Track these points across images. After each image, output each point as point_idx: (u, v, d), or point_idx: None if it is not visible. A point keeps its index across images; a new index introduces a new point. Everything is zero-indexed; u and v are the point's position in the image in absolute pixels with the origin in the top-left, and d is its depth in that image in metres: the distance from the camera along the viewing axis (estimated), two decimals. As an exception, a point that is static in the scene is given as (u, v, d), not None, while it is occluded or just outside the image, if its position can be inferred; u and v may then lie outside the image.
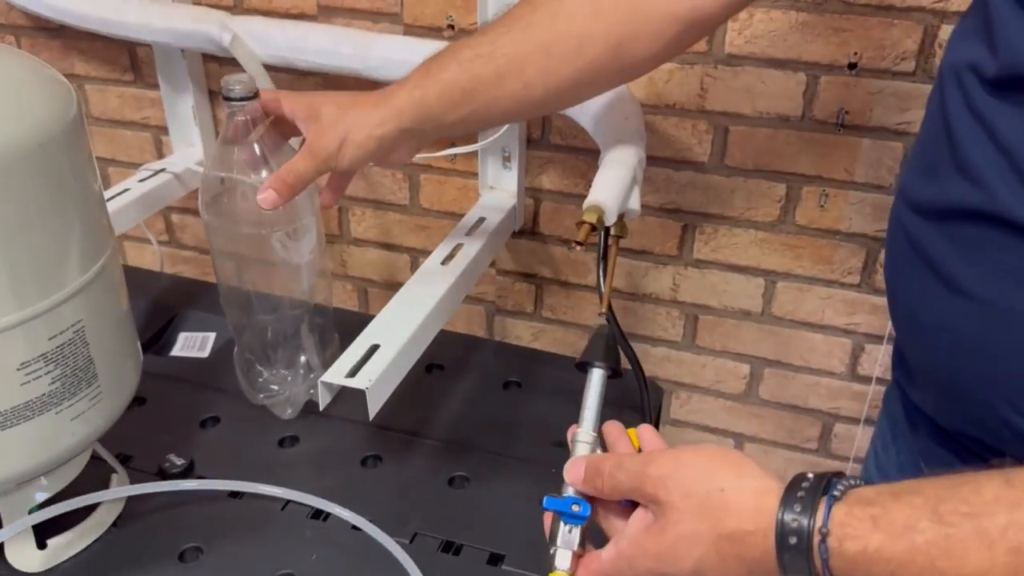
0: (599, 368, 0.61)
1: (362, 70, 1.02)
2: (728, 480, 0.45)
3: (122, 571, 0.72)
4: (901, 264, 0.59)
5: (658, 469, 0.48)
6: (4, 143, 0.56)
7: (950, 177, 0.53)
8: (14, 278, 0.58)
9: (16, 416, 0.61)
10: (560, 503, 0.53)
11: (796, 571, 0.42)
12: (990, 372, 0.53)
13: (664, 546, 0.46)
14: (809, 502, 0.42)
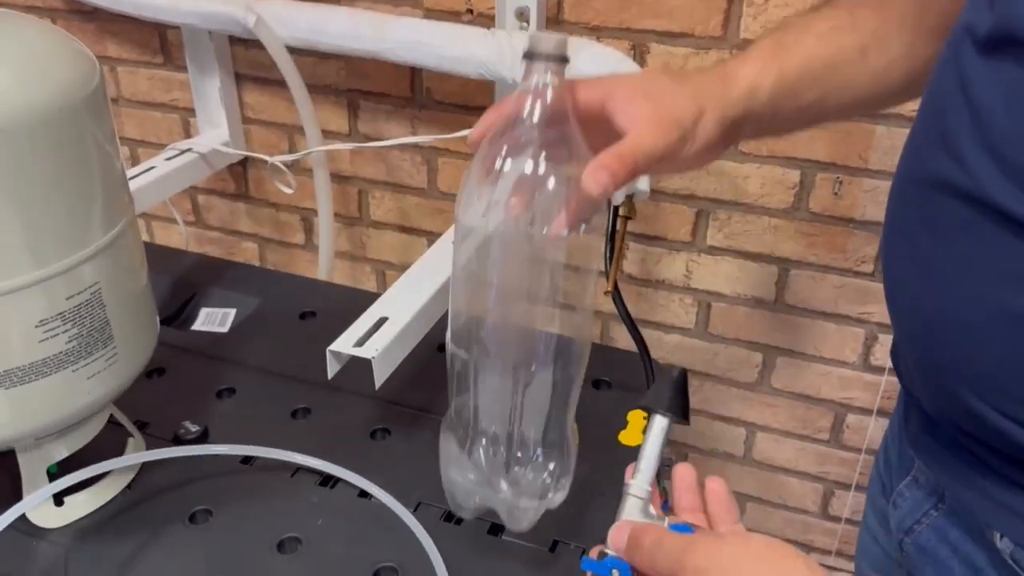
0: (662, 416, 0.52)
1: (380, 52, 1.04)
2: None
3: (135, 530, 0.75)
4: (888, 240, 0.58)
5: (696, 559, 0.44)
6: (27, 107, 0.58)
7: (932, 148, 0.51)
8: (34, 238, 0.61)
9: (34, 372, 0.64)
10: (600, 567, 0.49)
11: None
12: (955, 358, 0.51)
13: None
14: None
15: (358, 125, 1.23)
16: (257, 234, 1.41)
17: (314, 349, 0.86)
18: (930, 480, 0.63)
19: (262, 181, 1.35)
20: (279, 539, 0.74)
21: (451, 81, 1.14)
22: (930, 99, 0.53)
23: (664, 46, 1.01)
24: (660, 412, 0.52)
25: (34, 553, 0.73)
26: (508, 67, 0.98)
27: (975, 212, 0.47)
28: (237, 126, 1.28)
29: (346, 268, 1.37)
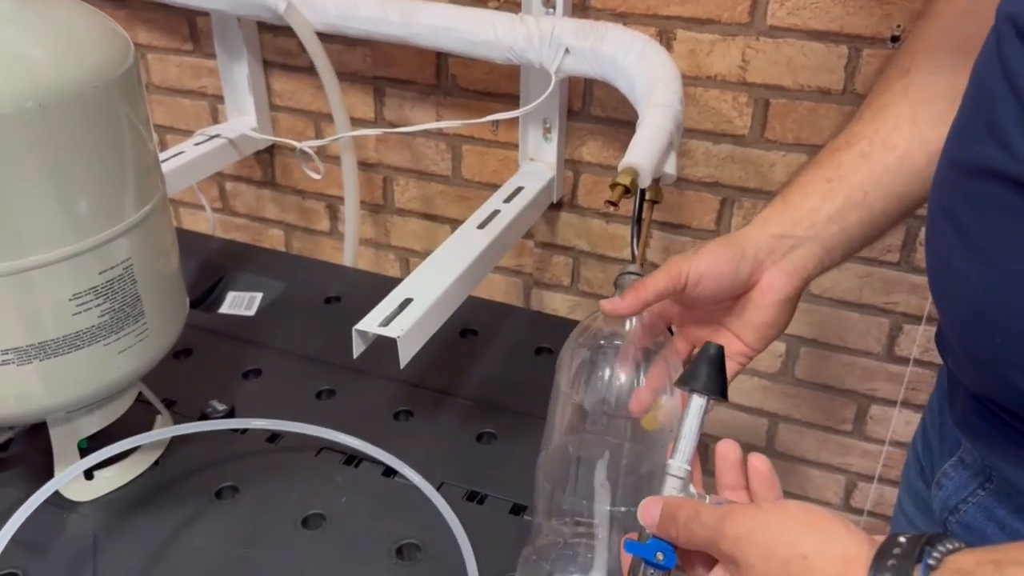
0: (699, 394, 0.51)
1: (408, 37, 1.04)
2: (811, 545, 0.42)
3: (162, 504, 0.76)
4: (932, 225, 0.59)
5: (735, 527, 0.44)
6: (63, 85, 0.59)
7: (978, 136, 0.51)
8: (68, 213, 0.62)
9: (67, 345, 0.65)
10: (643, 549, 0.47)
11: None
12: (1004, 342, 0.52)
13: None
14: (901, 571, 0.38)
15: (383, 112, 1.24)
16: (283, 221, 1.43)
17: (339, 332, 0.87)
18: (977, 460, 0.64)
19: (288, 168, 1.36)
20: (304, 515, 0.75)
21: (476, 68, 1.14)
22: (974, 88, 0.54)
23: (691, 32, 1.01)
24: (698, 391, 0.51)
25: (64, 525, 0.74)
26: (536, 52, 0.99)
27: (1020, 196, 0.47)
28: (265, 113, 1.30)
29: (370, 255, 1.38)
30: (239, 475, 0.79)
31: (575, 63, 0.98)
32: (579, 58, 0.98)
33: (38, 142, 0.59)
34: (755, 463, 0.50)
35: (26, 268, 0.61)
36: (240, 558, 0.71)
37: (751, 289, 0.64)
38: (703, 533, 0.45)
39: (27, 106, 0.58)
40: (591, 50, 0.96)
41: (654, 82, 0.91)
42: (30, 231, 0.61)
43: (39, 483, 0.77)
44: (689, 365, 0.53)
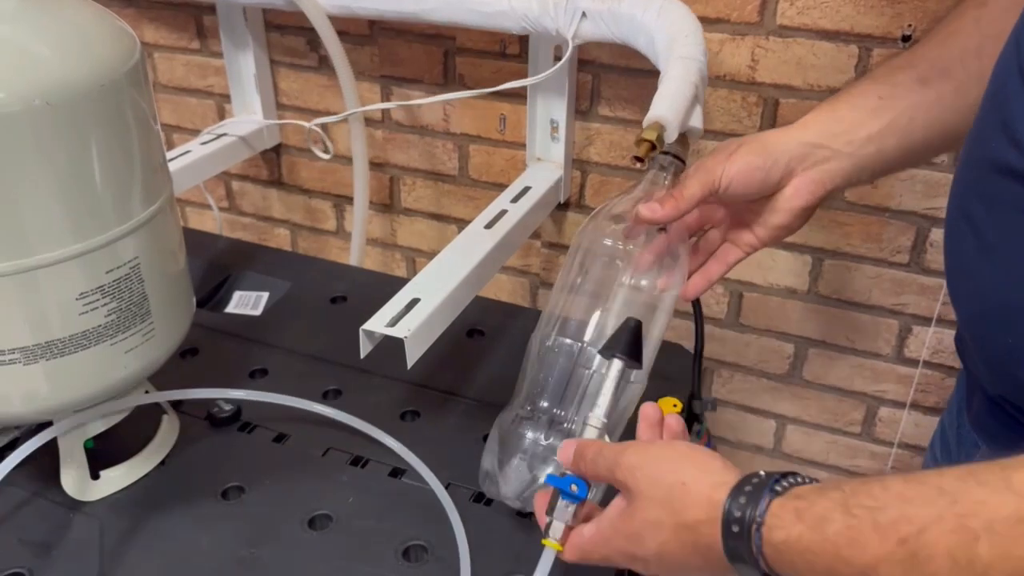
0: (619, 359, 0.60)
1: (420, 13, 1.03)
2: (690, 474, 0.49)
3: (168, 504, 0.76)
4: (950, 222, 0.60)
5: (629, 459, 0.52)
6: (70, 83, 0.59)
7: (994, 134, 0.52)
8: (75, 212, 0.62)
9: (74, 344, 0.65)
10: (561, 481, 0.56)
11: (737, 557, 0.46)
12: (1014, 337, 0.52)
13: (632, 530, 0.51)
14: (753, 496, 0.45)
15: (390, 110, 1.23)
16: (289, 220, 1.42)
17: (345, 332, 0.87)
18: None
19: (295, 167, 1.36)
20: (310, 516, 0.74)
21: (483, 67, 1.14)
22: (993, 86, 0.55)
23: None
24: (617, 356, 0.60)
25: (70, 524, 0.74)
26: (551, 18, 0.97)
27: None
28: (272, 111, 1.30)
29: (377, 255, 1.38)
30: (245, 475, 0.79)
31: (592, 27, 0.96)
32: (596, 21, 0.95)
33: (45, 140, 0.59)
34: (669, 420, 0.59)
35: (33, 267, 0.61)
36: (246, 558, 0.70)
37: (777, 192, 0.68)
38: (604, 465, 0.53)
39: (34, 104, 0.57)
40: (608, 11, 0.94)
41: (675, 36, 0.88)
42: (37, 230, 0.61)
43: (45, 482, 0.77)
44: (611, 336, 0.61)
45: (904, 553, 0.39)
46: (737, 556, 0.46)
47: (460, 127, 1.20)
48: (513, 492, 0.71)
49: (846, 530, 0.41)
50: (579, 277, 0.73)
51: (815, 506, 0.43)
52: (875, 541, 0.40)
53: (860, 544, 0.41)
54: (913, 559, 0.39)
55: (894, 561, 0.39)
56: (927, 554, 0.38)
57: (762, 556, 0.44)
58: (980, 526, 0.37)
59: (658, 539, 0.49)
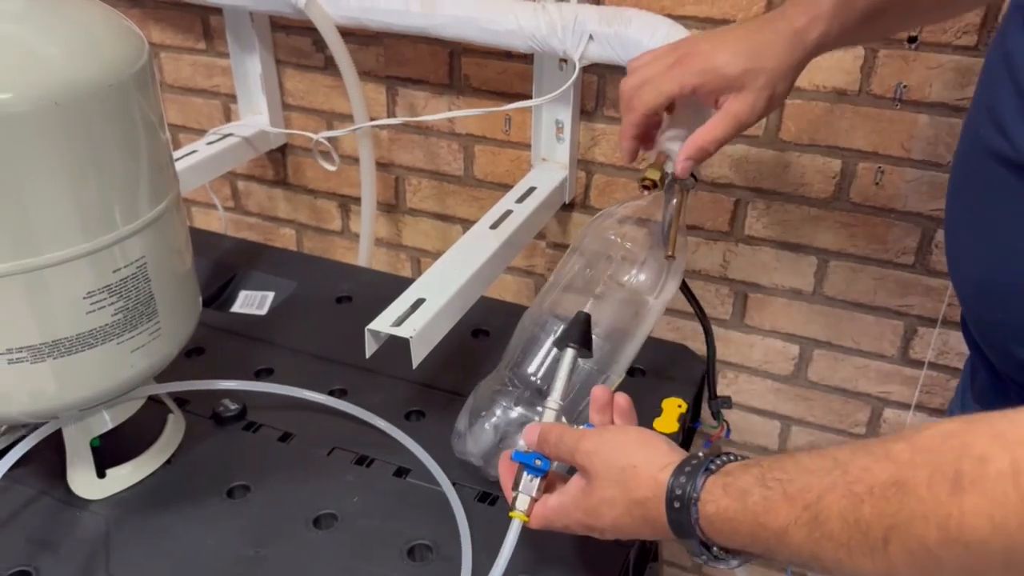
0: (572, 348, 0.67)
1: (429, 28, 1.04)
2: (640, 457, 0.56)
3: (174, 503, 0.76)
4: (949, 205, 0.62)
5: (587, 445, 0.59)
6: (79, 83, 0.59)
7: (983, 119, 0.55)
8: (83, 211, 0.62)
9: (81, 343, 0.65)
10: (526, 457, 0.62)
11: (679, 529, 0.53)
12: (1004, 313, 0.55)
13: (590, 506, 0.58)
14: (691, 474, 0.52)
15: (396, 111, 1.24)
16: (295, 220, 1.43)
17: (350, 332, 0.87)
18: None
19: (301, 167, 1.36)
20: (315, 515, 0.75)
21: (489, 68, 1.14)
22: (984, 73, 0.58)
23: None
24: (569, 346, 0.67)
25: (76, 523, 0.74)
26: (559, 39, 0.98)
27: (1019, 179, 0.52)
28: (278, 112, 1.30)
29: (382, 254, 1.38)
30: (251, 474, 0.79)
31: (599, 49, 0.97)
32: (603, 44, 0.97)
33: (53, 140, 0.59)
34: (618, 399, 0.65)
35: (40, 266, 0.61)
36: (251, 557, 0.71)
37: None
38: (565, 449, 0.60)
39: (42, 104, 0.58)
40: (616, 35, 0.95)
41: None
42: (44, 229, 0.61)
43: (52, 480, 0.77)
44: (564, 328, 0.69)
45: (808, 516, 0.45)
46: (679, 528, 0.53)
47: (465, 127, 1.21)
48: (479, 451, 0.76)
49: (762, 500, 0.48)
50: (577, 267, 0.77)
51: (739, 481, 0.50)
52: (785, 508, 0.46)
53: (774, 512, 0.47)
54: (815, 521, 0.44)
55: (800, 524, 0.45)
56: (825, 516, 0.44)
57: (698, 527, 0.51)
58: (863, 491, 0.42)
59: (612, 514, 0.57)
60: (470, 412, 0.77)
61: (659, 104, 0.71)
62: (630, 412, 0.65)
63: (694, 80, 0.69)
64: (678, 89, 0.70)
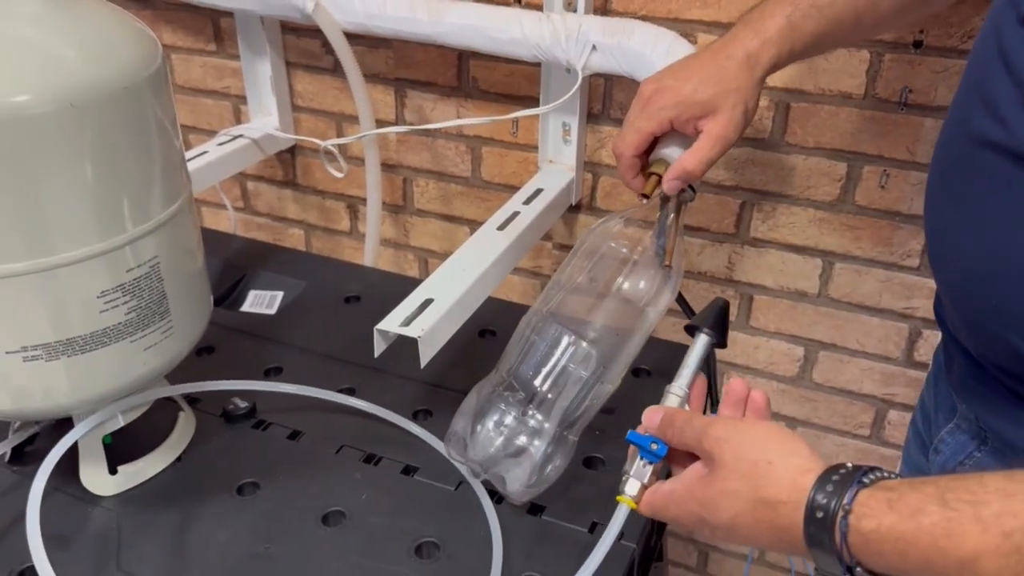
0: (706, 335, 0.65)
1: (435, 36, 1.06)
2: (777, 454, 0.50)
3: (184, 500, 0.77)
4: (931, 193, 0.63)
5: (718, 431, 0.53)
6: (94, 85, 0.61)
7: (975, 111, 0.56)
8: (98, 211, 0.63)
9: (95, 341, 0.66)
10: (642, 439, 0.58)
11: (818, 543, 0.46)
12: (997, 302, 0.56)
13: (708, 496, 0.52)
14: (840, 484, 0.46)
15: (404, 114, 1.25)
16: (303, 220, 1.44)
17: (359, 332, 0.88)
18: (972, 425, 0.68)
19: (310, 168, 1.38)
20: (324, 512, 0.75)
21: (497, 71, 1.15)
22: (973, 67, 0.59)
23: (712, 36, 1.01)
24: (704, 331, 0.65)
25: (88, 519, 0.75)
26: (563, 49, 0.99)
27: (1017, 168, 0.52)
28: (287, 114, 1.31)
29: (389, 255, 1.39)
30: (260, 472, 0.80)
31: (602, 60, 0.99)
32: (606, 55, 0.98)
33: (69, 141, 0.60)
34: (755, 395, 0.59)
35: (55, 265, 0.62)
36: (261, 554, 0.71)
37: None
38: (692, 434, 0.55)
39: (59, 106, 0.59)
40: (618, 46, 0.97)
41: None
42: (60, 229, 0.62)
43: (63, 478, 0.78)
44: (702, 311, 0.67)
45: (1009, 547, 0.39)
46: (817, 542, 0.46)
47: (473, 130, 1.21)
48: (480, 457, 0.74)
49: (944, 522, 0.42)
50: (577, 271, 0.77)
51: (908, 497, 0.44)
52: (976, 533, 0.40)
53: (959, 536, 0.41)
54: (1019, 553, 0.39)
55: (999, 554, 0.40)
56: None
57: (846, 544, 0.45)
58: None
59: (733, 509, 0.50)
60: (472, 416, 0.76)
61: (642, 143, 0.75)
62: (766, 411, 0.60)
63: (669, 113, 0.73)
64: (656, 125, 0.73)
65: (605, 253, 0.76)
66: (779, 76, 1.01)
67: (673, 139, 0.77)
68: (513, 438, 0.73)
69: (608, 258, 0.76)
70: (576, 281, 0.77)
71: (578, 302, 0.74)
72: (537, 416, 0.73)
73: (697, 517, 0.53)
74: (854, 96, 0.99)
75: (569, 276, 0.78)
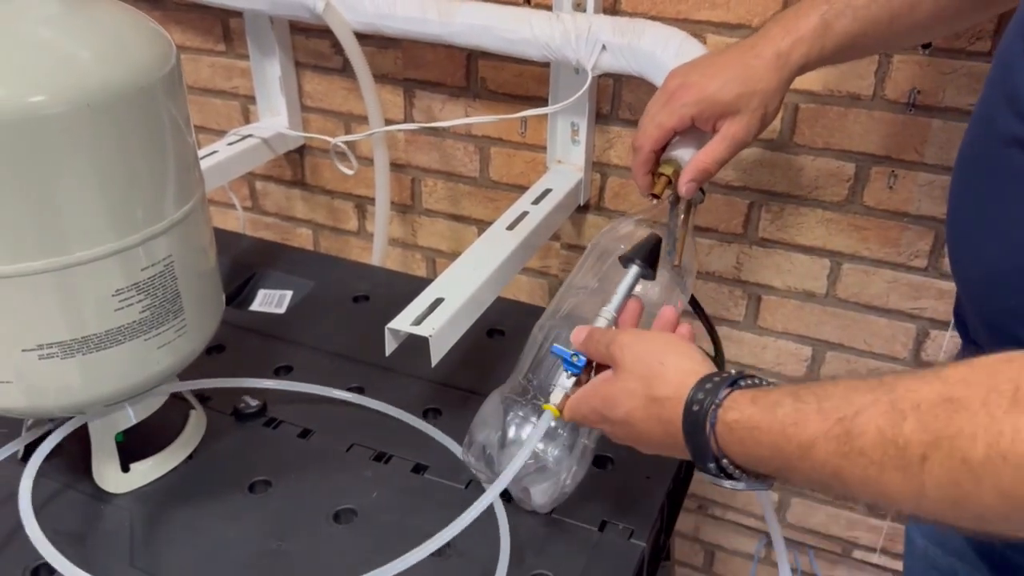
0: (637, 266, 0.70)
1: (446, 36, 1.06)
2: (671, 359, 0.57)
3: (196, 497, 0.78)
4: (954, 197, 0.63)
5: (624, 339, 0.60)
6: (109, 86, 0.61)
7: (1000, 108, 0.56)
8: (112, 211, 0.64)
9: (109, 340, 0.67)
10: (564, 352, 0.65)
11: (692, 435, 0.53)
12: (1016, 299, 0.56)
13: (610, 393, 0.59)
14: (718, 384, 0.53)
15: (413, 114, 1.25)
16: (312, 220, 1.44)
17: (368, 331, 0.89)
18: None
19: (318, 168, 1.38)
20: (335, 510, 0.76)
21: (506, 71, 1.15)
22: (999, 66, 0.58)
23: (721, 37, 1.02)
24: (636, 263, 0.70)
25: (100, 516, 0.76)
26: (572, 49, 0.99)
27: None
28: (296, 114, 1.31)
29: (397, 255, 1.39)
30: (271, 470, 0.81)
31: (612, 59, 0.99)
32: (616, 55, 0.98)
33: (85, 142, 0.61)
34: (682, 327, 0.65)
35: (71, 264, 0.63)
36: (273, 551, 0.72)
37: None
38: (603, 343, 0.61)
39: (74, 106, 0.59)
40: (628, 46, 0.97)
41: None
42: (75, 228, 0.63)
43: (77, 475, 0.79)
44: (636, 244, 0.70)
45: (840, 430, 0.45)
46: (691, 434, 0.53)
47: (481, 130, 1.22)
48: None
49: (793, 412, 0.47)
50: (590, 274, 0.78)
51: (770, 394, 0.50)
52: (816, 421, 0.46)
53: (803, 424, 0.46)
54: (847, 435, 0.44)
55: (830, 437, 0.45)
56: (860, 431, 0.44)
57: (714, 433, 0.51)
58: (908, 407, 0.42)
59: (628, 405, 0.57)
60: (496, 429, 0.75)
61: (662, 137, 0.75)
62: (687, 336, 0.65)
63: (692, 110, 0.73)
64: (677, 121, 0.74)
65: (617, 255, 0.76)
66: (788, 77, 1.01)
67: (685, 140, 0.77)
68: (542, 454, 0.73)
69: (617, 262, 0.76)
70: (589, 284, 0.77)
71: (592, 305, 0.74)
72: (563, 430, 0.73)
73: (600, 415, 0.60)
74: (863, 97, 0.99)
75: (582, 279, 0.78)
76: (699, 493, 1.37)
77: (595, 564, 0.72)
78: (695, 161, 0.74)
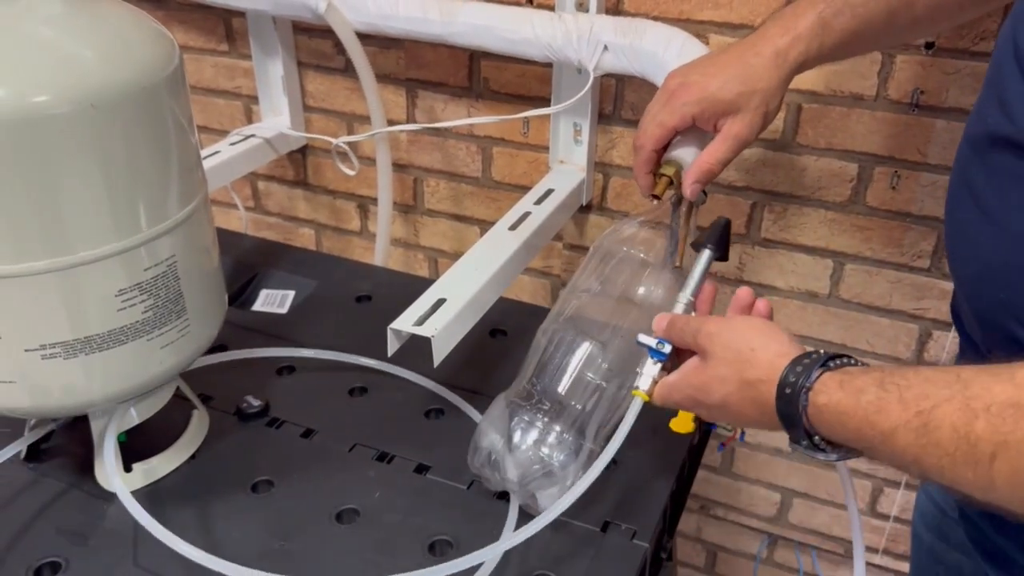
0: (709, 250, 0.71)
1: (447, 36, 1.06)
2: (759, 343, 0.59)
3: (199, 497, 0.78)
4: (952, 195, 0.65)
5: (710, 327, 0.62)
6: (113, 86, 0.61)
7: (992, 109, 0.58)
8: (116, 211, 0.64)
9: (112, 339, 0.67)
10: (649, 341, 0.66)
11: (786, 414, 0.55)
12: (1007, 293, 0.57)
13: (703, 381, 0.61)
14: (808, 366, 0.54)
15: (416, 114, 1.25)
16: (314, 220, 1.44)
17: (370, 331, 0.89)
18: None
19: (320, 168, 1.38)
20: (338, 510, 0.76)
21: (508, 71, 1.15)
22: (993, 66, 0.60)
23: (724, 37, 1.02)
24: (707, 247, 0.71)
25: (104, 515, 0.76)
26: (574, 49, 1.00)
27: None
28: (299, 114, 1.31)
29: (400, 255, 1.39)
30: (274, 470, 0.81)
31: (614, 60, 0.99)
32: (618, 55, 0.99)
33: (88, 141, 0.61)
34: (759, 304, 0.66)
35: (74, 264, 0.63)
36: (276, 550, 0.72)
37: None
38: (689, 332, 0.63)
39: (78, 106, 0.59)
40: (630, 46, 0.97)
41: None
42: (79, 228, 0.63)
43: (79, 474, 0.79)
44: (706, 230, 0.72)
45: (918, 423, 0.47)
46: (785, 414, 0.55)
47: (484, 130, 1.22)
48: (517, 478, 0.73)
49: (876, 400, 0.50)
50: (593, 276, 0.78)
51: (856, 380, 0.52)
52: (897, 410, 0.48)
53: (885, 412, 0.49)
54: (924, 427, 0.47)
55: (909, 428, 0.47)
56: (935, 424, 0.46)
57: (806, 414, 0.53)
58: (980, 407, 0.45)
59: (722, 391, 0.59)
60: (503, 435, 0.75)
61: (663, 137, 0.75)
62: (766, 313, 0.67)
63: (693, 109, 0.73)
64: (678, 120, 0.74)
65: (620, 257, 0.76)
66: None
67: (687, 139, 0.77)
68: (549, 459, 0.73)
69: (623, 262, 0.76)
70: (592, 287, 0.77)
71: (595, 308, 0.75)
72: (569, 435, 0.74)
73: (694, 400, 0.63)
74: (866, 97, 0.99)
75: (585, 282, 0.78)
76: (701, 494, 1.37)
77: (598, 565, 0.72)
78: (698, 163, 0.74)
